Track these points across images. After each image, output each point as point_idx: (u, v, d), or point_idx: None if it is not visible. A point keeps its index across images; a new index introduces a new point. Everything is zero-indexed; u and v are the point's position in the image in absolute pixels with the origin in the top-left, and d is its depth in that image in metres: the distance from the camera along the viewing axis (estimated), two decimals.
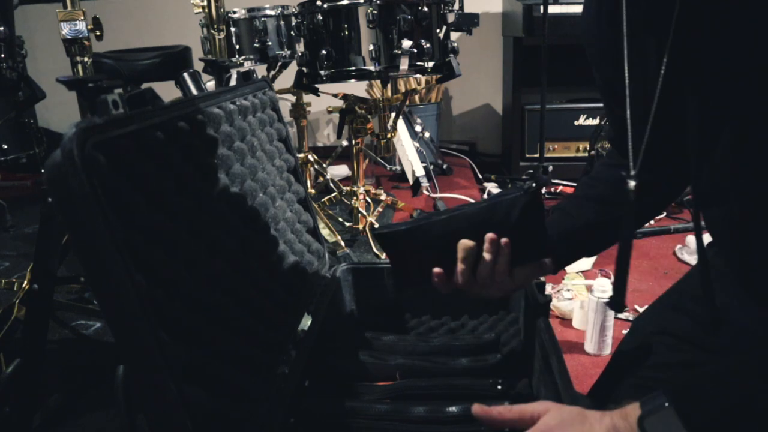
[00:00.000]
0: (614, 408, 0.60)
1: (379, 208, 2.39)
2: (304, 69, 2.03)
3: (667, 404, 0.56)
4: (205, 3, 1.75)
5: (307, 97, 2.66)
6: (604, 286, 1.42)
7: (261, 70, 1.80)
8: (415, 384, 0.86)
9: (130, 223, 0.56)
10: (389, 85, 2.22)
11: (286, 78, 2.39)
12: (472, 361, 0.90)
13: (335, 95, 2.39)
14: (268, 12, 2.19)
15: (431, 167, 2.94)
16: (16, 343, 1.33)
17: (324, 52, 1.87)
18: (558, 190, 2.71)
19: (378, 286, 1.11)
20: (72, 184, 0.48)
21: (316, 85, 2.02)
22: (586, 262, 1.94)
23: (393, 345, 0.95)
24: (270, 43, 2.18)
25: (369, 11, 1.81)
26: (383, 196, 2.36)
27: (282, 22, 2.21)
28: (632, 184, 0.66)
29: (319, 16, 1.87)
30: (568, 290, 1.67)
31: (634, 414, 0.58)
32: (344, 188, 2.33)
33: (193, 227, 0.69)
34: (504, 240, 0.74)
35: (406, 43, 1.80)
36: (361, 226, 2.24)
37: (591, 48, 0.80)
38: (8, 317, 1.38)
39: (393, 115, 2.21)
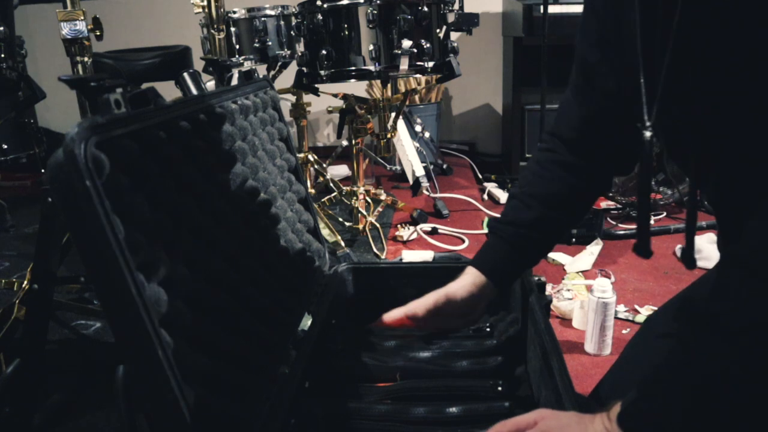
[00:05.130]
0: (605, 409, 0.61)
1: (379, 208, 2.39)
2: (304, 69, 2.03)
3: (636, 396, 0.58)
4: (205, 3, 1.74)
5: (307, 97, 2.66)
6: (604, 286, 1.42)
7: (261, 70, 1.80)
8: (415, 385, 0.86)
9: (132, 222, 0.56)
10: (389, 85, 2.22)
11: (286, 78, 2.39)
12: (473, 363, 0.90)
13: (335, 95, 2.39)
14: (268, 12, 2.19)
15: (431, 167, 2.94)
16: (16, 343, 1.33)
17: (324, 52, 1.87)
18: None
19: (378, 286, 1.11)
20: (74, 183, 0.48)
21: (316, 85, 2.02)
22: (586, 262, 1.95)
23: (394, 350, 0.95)
24: (270, 43, 2.18)
25: (369, 11, 1.81)
26: (383, 196, 2.36)
27: (282, 22, 2.21)
28: (648, 134, 0.66)
29: (319, 16, 1.87)
30: (568, 290, 1.67)
31: (615, 412, 0.59)
32: (344, 188, 2.33)
33: (194, 226, 0.69)
34: None
35: (406, 43, 1.80)
36: (361, 226, 2.24)
37: None
38: (8, 317, 1.38)
39: (393, 115, 2.21)
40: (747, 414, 0.53)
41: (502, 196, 2.70)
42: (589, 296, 1.45)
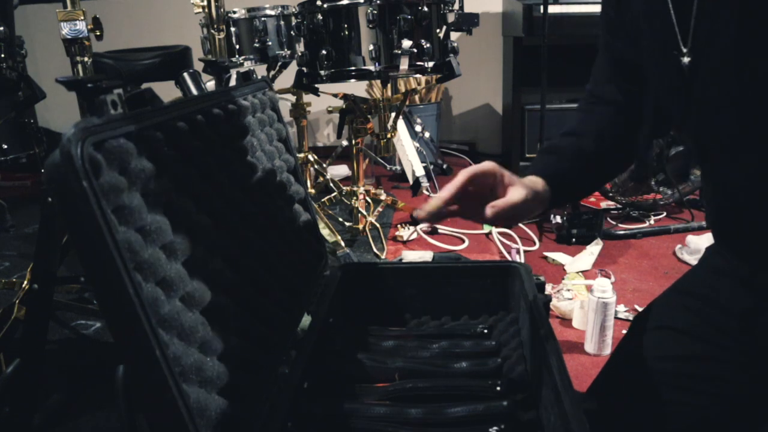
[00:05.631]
0: None
1: (379, 208, 2.39)
2: (304, 69, 2.03)
3: None
4: (205, 3, 1.74)
5: (307, 97, 2.67)
6: (604, 286, 1.42)
7: (261, 70, 1.80)
8: (414, 385, 0.86)
9: (129, 223, 0.56)
10: (389, 85, 2.22)
11: (286, 78, 2.39)
12: (472, 363, 0.90)
13: (335, 95, 2.39)
14: (268, 12, 2.19)
15: (431, 167, 2.94)
16: (16, 343, 1.33)
17: (324, 52, 1.87)
18: None
19: (378, 286, 1.11)
20: (71, 184, 0.48)
21: (316, 85, 2.02)
22: (586, 262, 1.94)
23: (393, 351, 0.95)
24: (270, 43, 2.18)
25: (369, 11, 1.81)
26: (383, 196, 2.36)
27: (282, 22, 2.21)
28: (686, 60, 0.67)
29: (319, 16, 1.87)
30: (568, 290, 1.67)
31: None
32: (344, 188, 2.33)
33: (192, 227, 0.69)
34: None
35: (406, 43, 1.80)
36: (361, 226, 2.24)
37: None
38: (8, 317, 1.38)
39: (393, 115, 2.21)
40: None
41: None
42: (589, 296, 1.45)
